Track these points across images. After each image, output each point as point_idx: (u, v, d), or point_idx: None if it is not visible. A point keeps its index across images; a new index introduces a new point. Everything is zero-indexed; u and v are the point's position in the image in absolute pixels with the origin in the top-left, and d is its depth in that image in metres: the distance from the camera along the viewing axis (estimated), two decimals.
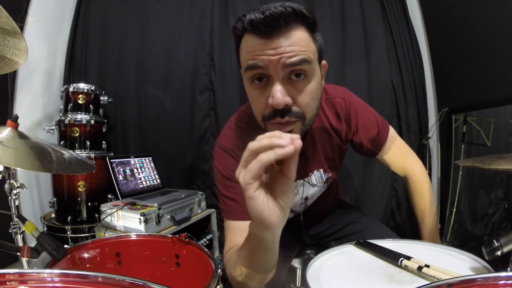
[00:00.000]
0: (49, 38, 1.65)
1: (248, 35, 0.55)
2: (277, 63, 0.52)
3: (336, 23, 1.67)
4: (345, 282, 0.50)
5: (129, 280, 0.34)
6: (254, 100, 0.60)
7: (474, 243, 1.44)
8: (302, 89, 0.56)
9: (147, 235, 0.80)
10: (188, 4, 1.72)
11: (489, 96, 1.30)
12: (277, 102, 0.53)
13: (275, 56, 0.52)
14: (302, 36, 0.54)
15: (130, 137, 1.73)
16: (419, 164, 0.86)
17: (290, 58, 0.52)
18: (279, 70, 0.53)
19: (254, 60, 0.54)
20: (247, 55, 0.56)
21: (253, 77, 0.57)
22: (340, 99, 0.77)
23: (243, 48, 0.58)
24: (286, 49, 0.52)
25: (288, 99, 0.54)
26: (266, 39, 0.52)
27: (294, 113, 0.56)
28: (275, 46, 0.52)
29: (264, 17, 0.51)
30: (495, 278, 0.31)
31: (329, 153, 0.80)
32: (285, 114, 0.56)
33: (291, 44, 0.52)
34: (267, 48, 0.53)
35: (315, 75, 0.58)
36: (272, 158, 0.37)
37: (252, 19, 0.52)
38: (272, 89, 0.54)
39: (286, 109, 0.55)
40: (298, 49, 0.53)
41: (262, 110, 0.58)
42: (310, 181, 0.81)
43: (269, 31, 0.52)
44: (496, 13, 1.20)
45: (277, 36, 0.52)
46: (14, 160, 0.57)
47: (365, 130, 0.79)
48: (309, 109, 0.58)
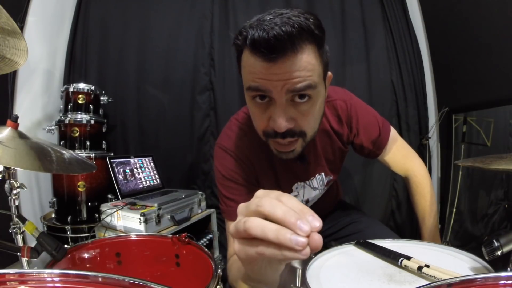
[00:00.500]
0: (49, 38, 1.65)
1: (250, 53, 0.51)
2: (280, 88, 0.50)
3: (336, 24, 1.67)
4: (345, 282, 0.49)
5: (129, 280, 0.34)
6: (255, 116, 0.59)
7: (474, 243, 1.44)
8: (305, 112, 0.55)
9: (147, 235, 0.80)
10: (188, 4, 1.72)
11: (489, 96, 1.30)
12: (279, 128, 0.52)
13: (279, 81, 0.49)
14: (309, 59, 0.50)
15: (130, 137, 1.73)
16: (420, 164, 0.86)
17: (294, 84, 0.50)
18: (282, 94, 0.51)
19: (256, 83, 0.52)
20: (249, 76, 0.53)
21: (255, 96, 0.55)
22: (341, 101, 0.76)
23: (245, 66, 0.54)
24: (291, 75, 0.49)
25: (290, 124, 0.53)
26: (270, 63, 0.48)
27: (296, 133, 0.56)
28: (279, 71, 0.49)
29: (268, 38, 0.46)
30: (495, 278, 0.31)
31: (330, 156, 0.80)
32: (286, 136, 0.55)
33: (297, 69, 0.49)
34: (270, 73, 0.49)
35: (319, 97, 0.56)
36: (277, 258, 0.29)
37: (254, 39, 0.47)
38: (274, 113, 0.52)
39: (287, 131, 0.54)
40: (303, 74, 0.50)
41: (263, 127, 0.58)
42: (311, 184, 0.81)
43: (273, 55, 0.47)
44: (496, 13, 1.20)
45: (282, 60, 0.48)
46: (14, 160, 0.57)
47: (366, 132, 0.78)
48: (310, 129, 0.58)
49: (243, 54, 0.54)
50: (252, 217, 0.30)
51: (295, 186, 0.80)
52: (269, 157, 0.74)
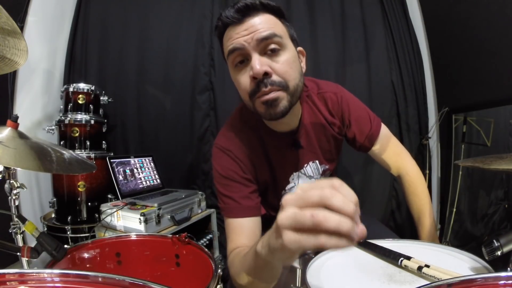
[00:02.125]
0: (49, 38, 1.65)
1: (227, 29, 0.64)
2: (251, 39, 0.60)
3: (336, 23, 1.67)
4: (345, 282, 0.49)
5: (129, 280, 0.34)
6: (239, 81, 0.65)
7: (474, 243, 1.44)
8: (278, 60, 0.62)
9: (147, 235, 0.80)
10: (188, 4, 1.71)
11: (489, 96, 1.30)
12: (256, 71, 0.59)
13: (249, 34, 0.60)
14: (270, 18, 0.63)
15: (130, 137, 1.73)
16: (412, 163, 0.86)
17: (261, 33, 0.60)
18: (254, 45, 0.60)
19: (232, 45, 0.62)
20: (227, 43, 0.63)
21: (235, 61, 0.63)
22: (332, 93, 0.79)
23: (225, 43, 0.65)
24: (257, 26, 0.60)
25: (266, 67, 0.60)
26: (239, 24, 0.61)
27: (276, 82, 0.61)
28: (247, 27, 0.61)
29: (235, 8, 0.61)
30: (495, 278, 0.31)
31: (325, 145, 0.81)
32: (267, 84, 0.60)
33: (261, 23, 0.61)
34: (241, 31, 0.61)
35: (289, 48, 0.64)
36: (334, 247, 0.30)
37: (226, 13, 0.62)
38: (251, 62, 0.60)
39: (266, 78, 0.60)
40: (267, 26, 0.61)
41: (247, 87, 0.63)
42: (306, 172, 0.82)
43: (241, 16, 0.61)
44: (496, 13, 1.20)
45: (248, 19, 0.61)
46: (14, 160, 0.57)
47: (358, 125, 0.81)
48: (289, 77, 0.62)
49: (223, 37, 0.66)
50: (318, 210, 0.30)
51: (291, 177, 0.82)
52: (263, 150, 0.77)
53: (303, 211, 0.31)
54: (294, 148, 0.77)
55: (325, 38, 1.65)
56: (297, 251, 0.33)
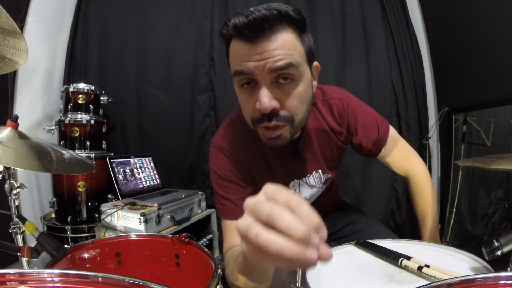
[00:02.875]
0: (49, 38, 1.65)
1: (235, 40, 0.55)
2: (262, 68, 0.52)
3: (336, 24, 1.67)
4: (345, 282, 0.50)
5: (129, 280, 0.34)
6: (243, 103, 0.61)
7: (474, 243, 1.44)
8: (289, 93, 0.56)
9: (147, 235, 0.80)
10: (188, 4, 1.71)
11: (489, 96, 1.30)
12: (264, 107, 0.53)
13: (261, 61, 0.52)
14: (288, 39, 0.53)
15: (130, 137, 1.73)
16: (420, 164, 0.85)
17: (275, 62, 0.52)
18: (265, 75, 0.53)
19: (240, 66, 0.54)
20: (235, 61, 0.56)
21: (241, 82, 0.57)
22: (337, 100, 0.76)
23: (231, 53, 0.58)
24: (271, 53, 0.52)
25: (274, 103, 0.54)
26: (251, 44, 0.52)
27: (281, 117, 0.56)
28: (260, 51, 0.52)
29: (247, 21, 0.50)
30: (495, 278, 0.31)
31: (328, 154, 0.79)
32: (272, 118, 0.56)
33: (277, 48, 0.52)
34: (252, 53, 0.52)
35: (304, 78, 0.57)
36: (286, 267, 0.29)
37: (236, 23, 0.52)
38: (259, 94, 0.54)
39: (273, 113, 0.55)
40: (284, 53, 0.52)
41: (251, 114, 0.59)
42: (308, 182, 0.80)
43: (254, 36, 0.51)
44: (496, 13, 1.20)
45: (262, 40, 0.52)
46: (14, 160, 0.57)
47: (365, 132, 0.78)
48: (297, 112, 0.58)
49: (230, 45, 0.57)
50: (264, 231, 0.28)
51: (292, 184, 0.80)
52: (264, 154, 0.74)
53: (251, 227, 0.29)
54: (294, 159, 0.75)
55: (325, 38, 1.65)
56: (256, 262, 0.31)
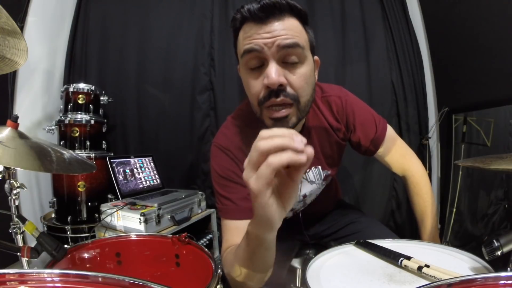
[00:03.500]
0: (49, 38, 1.65)
1: (246, 24, 0.59)
2: (272, 44, 0.56)
3: (336, 23, 1.67)
4: (345, 282, 0.49)
5: (129, 280, 0.34)
6: (250, 85, 0.62)
7: (474, 243, 1.44)
8: (295, 73, 0.58)
9: (147, 235, 0.80)
10: (188, 4, 1.72)
11: (489, 96, 1.30)
12: (272, 81, 0.55)
13: (270, 38, 0.56)
14: (295, 24, 0.58)
15: (130, 137, 1.73)
16: (418, 164, 0.85)
17: (284, 40, 0.55)
18: (274, 51, 0.56)
19: (250, 44, 0.57)
20: (244, 41, 0.59)
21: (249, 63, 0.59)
22: (336, 97, 0.77)
23: (241, 37, 0.60)
24: (281, 32, 0.56)
25: (282, 79, 0.56)
26: (262, 24, 0.56)
27: (289, 94, 0.58)
28: (270, 30, 0.56)
29: (260, 5, 0.56)
30: (495, 278, 0.31)
31: (327, 150, 0.80)
32: (279, 94, 0.57)
33: (285, 28, 0.56)
34: (262, 32, 0.56)
35: (308, 61, 0.60)
36: (284, 162, 0.35)
37: (249, 8, 0.57)
38: (267, 69, 0.56)
39: (280, 89, 0.57)
40: (292, 33, 0.57)
41: (258, 94, 0.60)
42: (308, 177, 0.81)
43: (265, 16, 0.56)
44: (496, 13, 1.20)
45: (272, 21, 0.56)
46: (14, 160, 0.57)
47: (363, 129, 0.78)
48: (303, 93, 0.60)
49: (240, 31, 0.61)
50: (259, 142, 0.36)
51: None
52: None
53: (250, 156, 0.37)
54: None
55: (325, 38, 1.65)
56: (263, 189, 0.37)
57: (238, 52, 0.63)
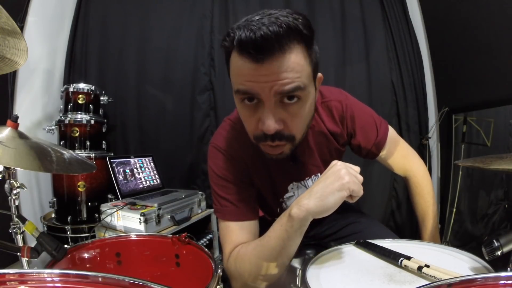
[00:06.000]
0: (49, 38, 1.65)
1: (237, 54, 0.50)
2: (269, 90, 0.49)
3: (336, 23, 1.67)
4: (345, 282, 0.49)
5: (129, 280, 0.34)
6: (245, 119, 0.59)
7: (474, 243, 1.44)
8: (294, 113, 0.54)
9: (147, 235, 0.80)
10: (188, 4, 1.72)
11: (489, 96, 1.30)
12: (268, 129, 0.52)
13: (267, 83, 0.49)
14: (298, 59, 0.49)
15: (130, 137, 1.73)
16: (420, 164, 0.85)
17: (283, 86, 0.49)
18: (271, 96, 0.50)
19: (244, 86, 0.51)
20: (238, 79, 0.52)
21: (243, 98, 0.54)
22: (336, 102, 0.75)
23: (233, 68, 0.53)
24: (279, 76, 0.48)
25: (279, 126, 0.52)
26: (257, 64, 0.47)
27: (284, 137, 0.55)
28: (267, 72, 0.48)
29: (255, 39, 0.45)
30: (495, 278, 0.31)
31: (326, 157, 0.78)
32: (275, 139, 0.55)
33: (285, 70, 0.48)
34: (258, 74, 0.48)
35: (309, 98, 0.55)
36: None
37: (241, 39, 0.46)
38: (263, 115, 0.52)
39: (276, 134, 0.54)
40: (292, 76, 0.49)
41: (253, 131, 0.57)
42: (306, 185, 0.80)
43: (260, 55, 0.46)
44: (496, 13, 1.20)
45: (270, 61, 0.47)
46: (14, 160, 0.57)
47: (363, 133, 0.77)
48: (299, 132, 0.58)
49: (231, 56, 0.53)
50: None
51: (290, 186, 0.79)
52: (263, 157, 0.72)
53: None
54: (293, 163, 0.74)
55: (325, 38, 1.65)
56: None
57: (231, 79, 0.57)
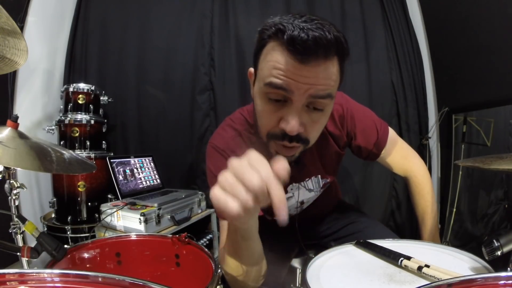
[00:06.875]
0: (49, 38, 1.65)
1: (281, 48, 0.49)
2: (304, 91, 0.49)
3: (336, 23, 1.64)
4: (345, 282, 0.49)
5: (129, 280, 0.34)
6: (263, 114, 0.57)
7: (474, 243, 1.44)
8: (316, 121, 0.55)
9: (147, 235, 0.80)
10: (188, 4, 1.71)
11: (489, 96, 1.30)
12: (292, 130, 0.51)
13: (305, 84, 0.49)
14: (335, 70, 0.51)
15: (130, 137, 1.73)
16: (420, 164, 0.85)
17: (319, 91, 0.50)
18: (303, 97, 0.50)
19: (280, 80, 0.50)
20: (273, 71, 0.50)
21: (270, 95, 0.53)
22: (337, 105, 0.75)
23: (270, 60, 0.52)
24: (319, 80, 0.49)
25: (302, 129, 0.53)
26: (302, 64, 0.48)
27: (301, 140, 0.55)
28: (308, 75, 0.48)
29: (307, 39, 0.46)
30: (495, 278, 0.31)
31: (326, 159, 0.79)
32: (293, 140, 0.54)
33: (325, 77, 0.50)
34: (299, 73, 0.48)
35: (331, 108, 0.57)
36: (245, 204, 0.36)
37: (294, 36, 0.46)
38: (289, 115, 0.51)
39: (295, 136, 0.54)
40: (328, 84, 0.51)
41: (270, 128, 0.56)
42: (306, 186, 0.80)
43: (308, 56, 0.47)
44: (496, 13, 1.20)
45: (314, 65, 0.48)
46: (14, 160, 0.57)
47: (364, 136, 0.78)
48: (314, 138, 0.59)
49: (268, 47, 0.52)
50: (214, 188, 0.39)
51: (290, 188, 0.79)
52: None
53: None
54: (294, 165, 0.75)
55: None
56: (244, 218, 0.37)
57: (260, 70, 0.55)
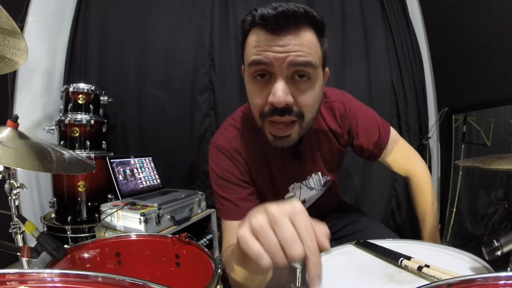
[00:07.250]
0: (49, 38, 1.65)
1: (256, 29, 0.54)
2: (282, 61, 0.52)
3: (336, 23, 1.67)
4: (345, 282, 0.49)
5: (129, 280, 0.34)
6: (253, 95, 0.59)
7: (474, 243, 1.44)
8: (304, 91, 0.56)
9: (147, 235, 0.80)
10: (188, 4, 1.72)
11: (489, 96, 1.30)
12: (278, 100, 0.52)
13: (282, 53, 0.51)
14: (311, 39, 0.54)
15: (130, 137, 1.73)
16: (421, 164, 0.85)
17: (297, 57, 0.52)
18: (284, 68, 0.52)
19: (259, 56, 0.53)
20: (253, 50, 0.54)
21: (255, 73, 0.56)
22: (339, 103, 0.76)
23: (250, 43, 0.56)
24: (294, 47, 0.52)
25: (289, 98, 0.53)
26: (275, 35, 0.52)
27: (293, 112, 0.56)
28: (283, 44, 0.51)
29: (276, 13, 0.50)
30: (495, 278, 0.31)
31: (327, 156, 0.79)
32: (284, 113, 0.55)
33: (300, 44, 0.52)
34: (274, 45, 0.52)
35: (318, 80, 0.58)
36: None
37: (263, 13, 0.52)
38: (274, 86, 0.53)
39: (286, 108, 0.54)
40: (306, 50, 0.52)
41: (261, 107, 0.57)
42: (308, 184, 0.80)
43: (279, 27, 0.51)
44: (496, 13, 1.20)
45: (286, 34, 0.51)
46: (14, 160, 0.57)
47: (366, 135, 0.78)
48: (309, 111, 0.58)
49: (249, 35, 0.56)
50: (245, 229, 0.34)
51: (291, 187, 0.80)
52: (264, 157, 0.74)
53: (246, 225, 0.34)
54: (296, 160, 0.74)
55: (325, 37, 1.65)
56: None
57: (245, 57, 0.59)
